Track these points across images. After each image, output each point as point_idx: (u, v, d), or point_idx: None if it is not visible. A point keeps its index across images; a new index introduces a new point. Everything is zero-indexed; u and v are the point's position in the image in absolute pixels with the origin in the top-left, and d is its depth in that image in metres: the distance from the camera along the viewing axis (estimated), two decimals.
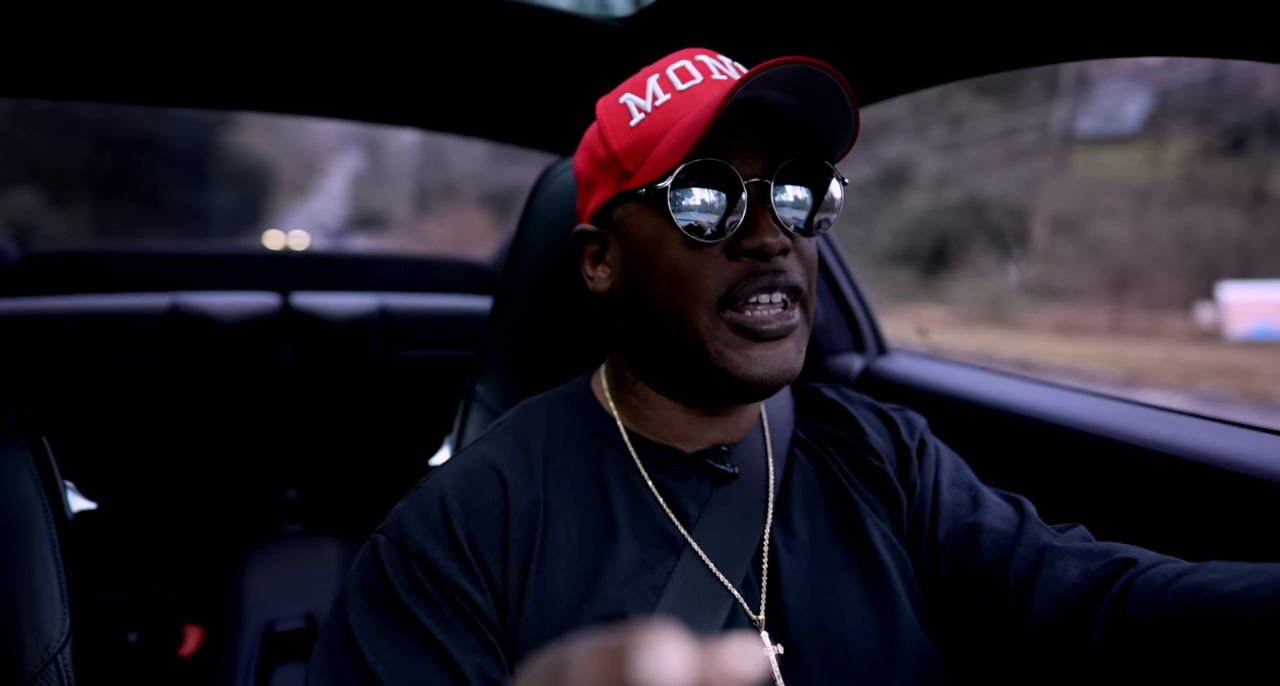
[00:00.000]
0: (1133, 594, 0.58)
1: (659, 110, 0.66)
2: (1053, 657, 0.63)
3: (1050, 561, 0.65)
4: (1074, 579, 0.63)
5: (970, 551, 0.70)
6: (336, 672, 0.58)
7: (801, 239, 0.67)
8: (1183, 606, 0.54)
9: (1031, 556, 0.66)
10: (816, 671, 0.65)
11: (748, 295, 0.63)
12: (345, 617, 0.61)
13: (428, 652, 0.58)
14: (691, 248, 0.63)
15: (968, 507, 0.73)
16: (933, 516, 0.73)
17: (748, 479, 0.72)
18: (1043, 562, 0.65)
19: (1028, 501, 0.74)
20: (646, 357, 0.71)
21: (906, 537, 0.74)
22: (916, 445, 0.78)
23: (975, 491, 0.75)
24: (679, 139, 0.62)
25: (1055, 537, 0.68)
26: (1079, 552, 0.65)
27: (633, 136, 0.67)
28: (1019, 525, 0.70)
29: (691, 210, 0.62)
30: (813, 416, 0.82)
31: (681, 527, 0.68)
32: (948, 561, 0.71)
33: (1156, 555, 0.63)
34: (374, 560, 0.63)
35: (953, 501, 0.74)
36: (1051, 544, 0.67)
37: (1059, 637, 0.62)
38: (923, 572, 0.72)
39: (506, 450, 0.70)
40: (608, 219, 0.70)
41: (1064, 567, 0.64)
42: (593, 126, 0.73)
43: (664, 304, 0.65)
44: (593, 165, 0.71)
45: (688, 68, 0.68)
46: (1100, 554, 0.64)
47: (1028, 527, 0.69)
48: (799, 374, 0.66)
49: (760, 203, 0.63)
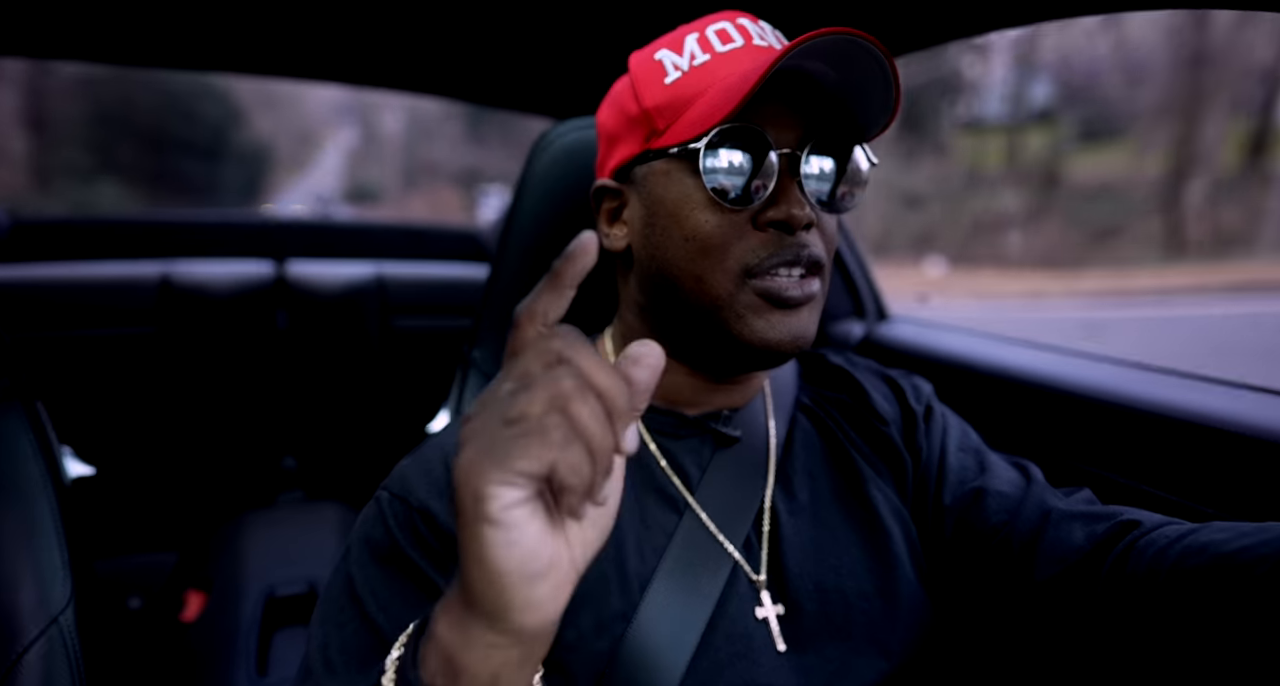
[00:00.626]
0: (1135, 554, 0.59)
1: (696, 70, 0.65)
2: (1057, 618, 0.63)
3: (1055, 524, 0.65)
4: (1078, 541, 0.63)
5: (975, 515, 0.70)
6: (341, 625, 0.59)
7: (825, 213, 0.66)
8: (1186, 565, 0.54)
9: (1036, 519, 0.66)
10: (817, 632, 0.65)
11: (771, 266, 0.62)
12: (349, 573, 0.61)
13: (431, 604, 0.59)
14: (717, 212, 0.63)
15: (974, 472, 0.73)
16: (938, 481, 0.73)
17: (750, 442, 0.72)
18: (1047, 525, 0.65)
19: (1034, 466, 0.75)
20: (659, 320, 0.70)
21: (911, 502, 0.74)
22: (923, 410, 0.78)
23: (981, 456, 0.75)
24: (717, 101, 0.60)
25: (1060, 501, 0.68)
26: (1083, 515, 0.65)
27: (667, 94, 0.65)
28: (1025, 489, 0.70)
29: (720, 174, 0.61)
30: (817, 382, 0.81)
31: (683, 489, 0.69)
32: (953, 525, 0.71)
33: (1160, 517, 0.63)
34: (378, 515, 0.63)
35: (959, 466, 0.74)
36: (1056, 507, 0.67)
37: (1063, 598, 0.63)
38: (927, 536, 0.72)
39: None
40: (630, 176, 0.69)
41: (1068, 530, 0.64)
42: (622, 80, 0.71)
43: (684, 266, 0.64)
44: (620, 120, 0.70)
45: (728, 30, 0.66)
46: (1104, 516, 0.64)
47: (1033, 491, 0.70)
48: (810, 343, 0.66)
49: (790, 174, 0.62)
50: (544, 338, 0.40)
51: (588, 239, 0.40)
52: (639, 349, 0.42)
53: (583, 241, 0.40)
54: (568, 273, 0.40)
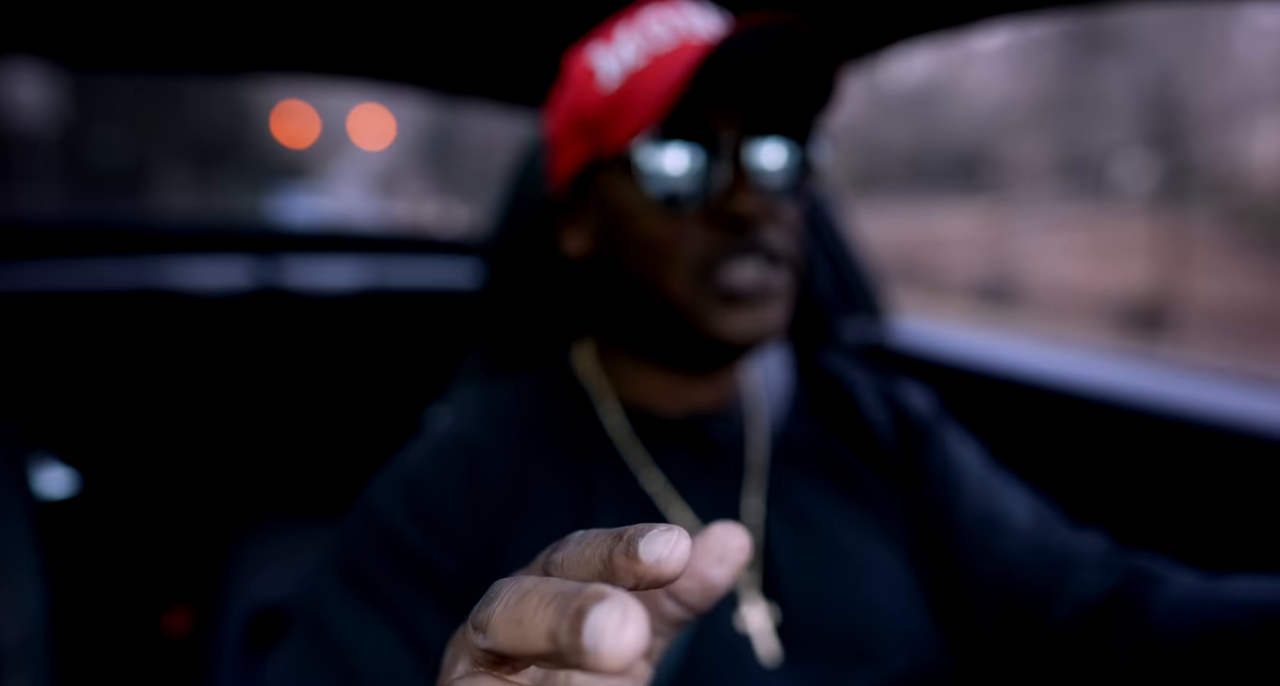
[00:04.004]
0: (1155, 609, 0.57)
1: (630, 69, 0.62)
2: (1068, 663, 0.61)
3: (1069, 570, 0.63)
4: (1094, 590, 0.61)
5: (990, 544, 0.67)
6: (302, 650, 0.58)
7: (784, 202, 0.63)
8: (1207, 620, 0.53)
9: (1048, 561, 0.64)
10: (808, 644, 0.62)
11: (727, 261, 0.60)
12: (317, 595, 0.60)
13: (396, 626, 0.57)
14: (666, 214, 0.60)
15: (990, 500, 0.70)
16: (938, 496, 0.70)
17: (738, 447, 0.70)
18: (1061, 570, 0.63)
19: (1047, 497, 0.71)
20: (624, 324, 0.68)
21: (908, 512, 0.71)
22: (929, 426, 0.75)
23: (997, 483, 0.72)
24: (651, 101, 0.57)
25: (1075, 540, 0.65)
26: (1099, 563, 0.63)
27: (602, 98, 0.62)
28: (1043, 526, 0.67)
29: (665, 176, 0.59)
30: (811, 385, 0.78)
31: (666, 496, 0.66)
32: (963, 550, 0.68)
33: (1179, 570, 0.61)
34: (345, 537, 0.61)
35: (973, 491, 0.70)
36: (1071, 548, 0.64)
37: (1075, 646, 0.60)
38: (925, 553, 0.69)
39: (480, 424, 0.68)
40: (581, 184, 0.67)
41: (1084, 578, 0.62)
42: (561, 85, 0.69)
43: (641, 273, 0.62)
44: (562, 128, 0.67)
45: (662, 21, 0.63)
46: (1122, 566, 0.62)
47: (1052, 529, 0.67)
48: (780, 335, 0.64)
49: (739, 167, 0.60)
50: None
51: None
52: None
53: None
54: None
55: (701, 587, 0.30)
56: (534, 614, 0.22)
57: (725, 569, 0.30)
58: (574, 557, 0.26)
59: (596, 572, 0.25)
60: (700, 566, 0.30)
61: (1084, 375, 0.97)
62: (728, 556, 0.30)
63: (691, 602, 0.30)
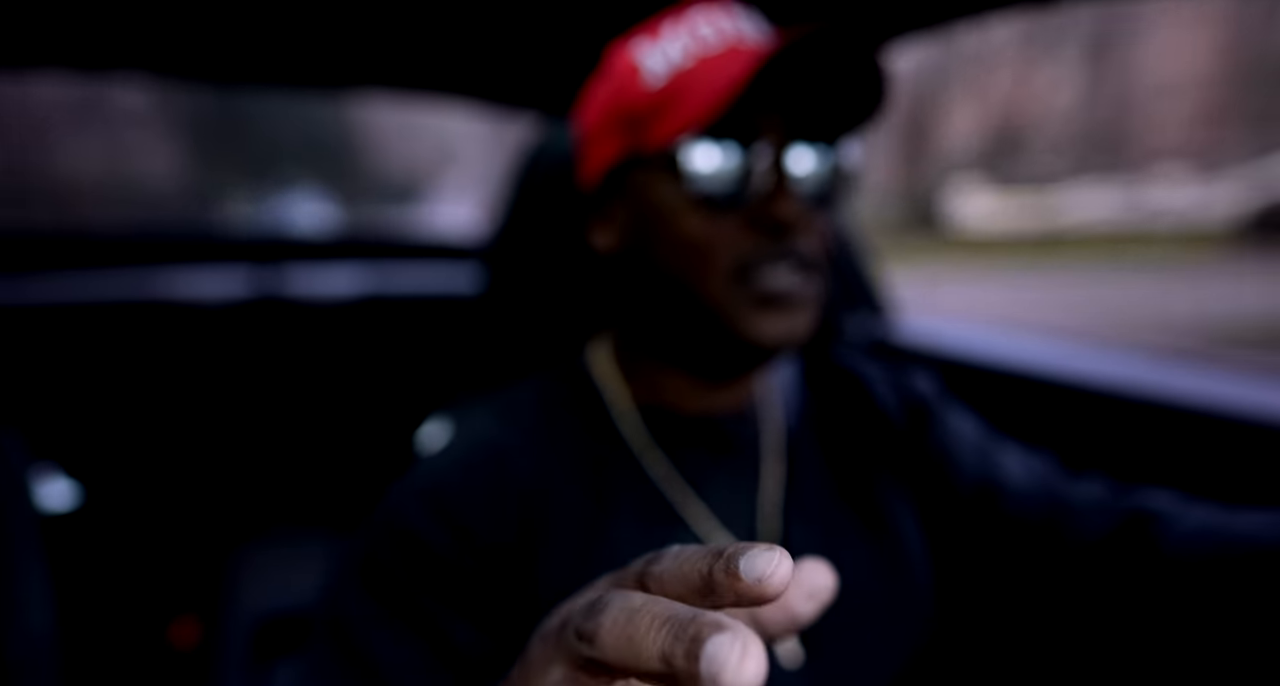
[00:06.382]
0: (1159, 546, 0.59)
1: (676, 68, 0.62)
2: (1072, 612, 0.64)
3: (1072, 515, 0.65)
4: (1096, 532, 0.63)
5: (990, 509, 0.69)
6: (324, 658, 0.57)
7: (820, 210, 0.64)
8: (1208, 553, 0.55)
9: (1051, 511, 0.66)
10: (827, 637, 0.64)
11: (764, 265, 0.60)
12: (337, 603, 0.59)
13: (423, 634, 0.57)
14: (705, 215, 0.60)
15: (987, 466, 0.72)
16: (950, 477, 0.72)
17: (753, 446, 0.70)
18: (1064, 516, 0.65)
19: (1049, 456, 0.73)
20: (652, 325, 0.67)
21: (922, 500, 0.72)
22: (931, 406, 0.76)
23: (993, 448, 0.74)
24: (701, 100, 0.57)
25: (1076, 489, 0.68)
26: (1100, 506, 0.65)
27: (646, 95, 0.62)
28: (1039, 481, 0.70)
29: (707, 177, 0.59)
30: (822, 381, 0.79)
31: (684, 497, 0.66)
32: (966, 521, 0.70)
33: (1181, 505, 0.63)
34: (367, 543, 0.61)
35: (970, 461, 0.72)
36: (1072, 496, 0.67)
37: (1079, 589, 0.63)
38: (940, 535, 0.71)
39: (501, 428, 0.68)
40: (614, 178, 0.67)
41: (1087, 520, 0.64)
42: (601, 78, 0.69)
43: (676, 272, 0.62)
44: (599, 121, 0.67)
45: (710, 22, 0.64)
46: (1123, 506, 0.64)
47: (1049, 482, 0.69)
48: (807, 340, 0.63)
49: (780, 172, 0.60)
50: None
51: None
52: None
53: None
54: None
55: (787, 619, 0.31)
56: (646, 633, 0.23)
57: (812, 605, 0.32)
58: (673, 572, 0.26)
59: (696, 589, 0.25)
60: (790, 599, 0.31)
61: (1088, 369, 0.97)
62: (817, 593, 0.32)
63: (774, 633, 0.31)
